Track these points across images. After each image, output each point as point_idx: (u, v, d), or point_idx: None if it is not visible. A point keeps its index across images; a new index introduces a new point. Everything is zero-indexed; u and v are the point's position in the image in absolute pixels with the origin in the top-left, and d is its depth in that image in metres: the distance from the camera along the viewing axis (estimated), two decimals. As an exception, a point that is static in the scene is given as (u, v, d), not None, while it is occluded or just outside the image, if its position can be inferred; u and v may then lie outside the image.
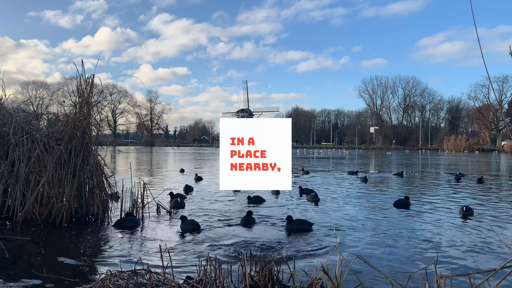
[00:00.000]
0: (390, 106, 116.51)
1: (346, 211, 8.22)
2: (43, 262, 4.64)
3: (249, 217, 6.86)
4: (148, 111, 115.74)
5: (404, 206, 8.65)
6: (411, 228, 6.61)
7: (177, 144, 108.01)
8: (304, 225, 6.34)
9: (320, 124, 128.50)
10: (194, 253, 4.98)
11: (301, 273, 3.97)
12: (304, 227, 6.30)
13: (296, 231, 6.17)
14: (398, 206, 8.71)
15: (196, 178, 14.71)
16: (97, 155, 7.45)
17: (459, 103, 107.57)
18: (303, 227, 6.29)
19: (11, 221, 6.76)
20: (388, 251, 5.18)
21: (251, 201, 9.02)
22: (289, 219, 6.38)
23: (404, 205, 8.72)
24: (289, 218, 6.39)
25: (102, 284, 3.22)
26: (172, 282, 3.29)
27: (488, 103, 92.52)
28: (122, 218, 6.76)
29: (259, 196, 9.34)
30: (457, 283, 3.95)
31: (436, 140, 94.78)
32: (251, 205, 8.86)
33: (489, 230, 6.45)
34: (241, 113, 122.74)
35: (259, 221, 7.08)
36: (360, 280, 3.39)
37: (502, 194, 11.50)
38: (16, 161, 6.98)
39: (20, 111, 9.31)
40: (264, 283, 3.19)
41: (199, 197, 10.11)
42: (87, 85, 7.23)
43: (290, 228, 6.27)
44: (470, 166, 27.67)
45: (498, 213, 8.11)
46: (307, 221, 6.52)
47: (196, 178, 14.68)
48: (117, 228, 6.43)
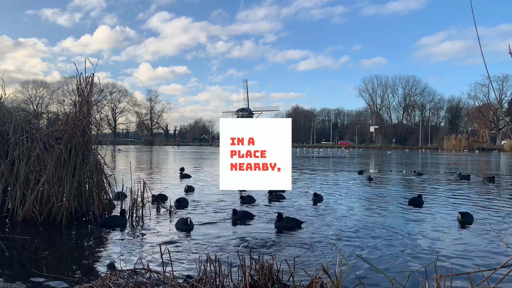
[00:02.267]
0: (390, 105, 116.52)
1: (346, 210, 8.22)
2: (43, 261, 4.65)
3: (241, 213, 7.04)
4: (148, 110, 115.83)
5: (417, 205, 8.82)
6: (412, 227, 6.62)
7: (177, 143, 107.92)
8: (292, 223, 6.40)
9: (320, 123, 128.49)
10: (194, 252, 4.99)
11: (301, 272, 3.97)
12: (291, 225, 6.36)
13: (284, 228, 6.25)
14: (411, 204, 8.89)
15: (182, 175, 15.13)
16: (97, 154, 7.46)
17: (459, 102, 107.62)
18: (291, 225, 6.36)
19: (11, 220, 6.76)
20: (388, 250, 5.19)
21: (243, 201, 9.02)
22: (279, 216, 6.50)
23: (417, 203, 8.91)
24: (279, 215, 6.52)
25: (102, 283, 3.23)
26: (172, 281, 3.30)
27: (488, 102, 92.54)
28: (109, 217, 6.85)
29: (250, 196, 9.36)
30: (457, 282, 3.95)
31: (436, 139, 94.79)
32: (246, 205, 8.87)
33: (489, 229, 6.46)
34: (241, 113, 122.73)
35: (260, 221, 7.09)
36: (360, 279, 3.40)
37: (502, 193, 11.51)
38: (16, 160, 6.98)
39: (20, 110, 9.31)
40: (264, 282, 3.20)
41: (200, 197, 10.11)
42: (87, 84, 7.23)
43: (278, 225, 6.37)
44: (470, 165, 27.68)
45: (498, 213, 8.12)
46: (296, 219, 6.58)
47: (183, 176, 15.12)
48: (104, 227, 6.45)
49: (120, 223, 6.56)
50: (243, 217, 7.09)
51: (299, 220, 6.58)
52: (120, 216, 6.77)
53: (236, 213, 7.14)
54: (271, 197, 9.57)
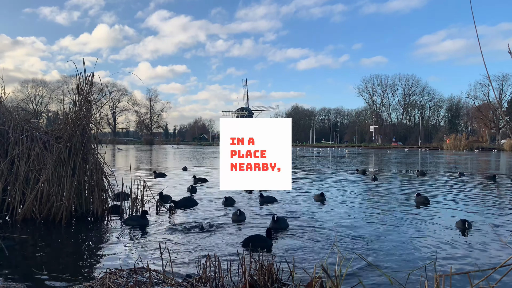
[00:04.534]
0: (389, 104, 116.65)
1: (347, 210, 8.23)
2: (43, 261, 4.65)
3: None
4: (147, 110, 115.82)
5: (424, 205, 8.90)
6: (412, 227, 6.62)
7: (176, 143, 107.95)
8: (279, 224, 6.28)
9: (319, 123, 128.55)
10: (194, 252, 4.99)
11: (300, 271, 3.97)
12: (281, 225, 6.26)
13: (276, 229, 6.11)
14: (421, 204, 8.94)
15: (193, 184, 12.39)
16: (96, 154, 7.46)
17: (459, 102, 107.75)
18: (280, 225, 6.25)
19: (10, 219, 6.76)
20: (388, 250, 5.19)
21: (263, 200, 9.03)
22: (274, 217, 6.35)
23: (424, 204, 8.97)
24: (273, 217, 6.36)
25: (102, 282, 3.23)
26: (172, 280, 3.30)
27: (488, 102, 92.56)
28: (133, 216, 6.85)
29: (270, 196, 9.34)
30: (457, 281, 3.96)
31: (436, 139, 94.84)
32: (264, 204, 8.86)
33: (489, 228, 6.46)
34: (241, 112, 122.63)
35: (261, 220, 7.09)
36: (360, 278, 3.40)
37: (502, 193, 11.51)
38: (15, 159, 6.98)
39: (20, 109, 9.30)
40: (264, 281, 3.20)
41: (202, 196, 10.12)
42: (86, 83, 7.23)
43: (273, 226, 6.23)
44: (469, 164, 27.69)
45: (498, 212, 8.12)
46: (282, 220, 6.47)
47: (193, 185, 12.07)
48: (126, 224, 6.53)
49: (141, 224, 6.53)
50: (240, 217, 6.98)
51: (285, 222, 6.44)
52: (142, 216, 6.73)
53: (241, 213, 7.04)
54: (262, 200, 9.14)
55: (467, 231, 6.25)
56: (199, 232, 6.06)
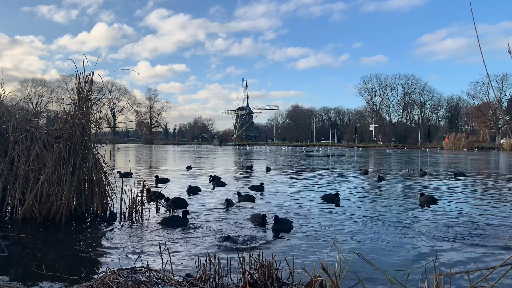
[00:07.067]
0: (389, 104, 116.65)
1: (347, 210, 8.23)
2: (43, 260, 4.64)
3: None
4: (147, 109, 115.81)
5: (430, 204, 8.93)
6: (412, 226, 6.62)
7: (176, 142, 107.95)
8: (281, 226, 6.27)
9: (319, 122, 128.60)
10: (194, 251, 4.99)
11: (300, 271, 3.97)
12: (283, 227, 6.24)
13: (277, 230, 6.11)
14: (424, 203, 9.03)
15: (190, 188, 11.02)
16: (96, 153, 7.45)
17: (459, 101, 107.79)
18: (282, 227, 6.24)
19: (10, 219, 6.76)
20: (388, 249, 5.19)
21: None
22: (275, 218, 6.34)
23: (432, 203, 9.01)
24: (275, 218, 6.36)
25: (102, 281, 3.23)
26: (172, 279, 3.30)
27: (488, 101, 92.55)
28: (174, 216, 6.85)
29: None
30: (456, 281, 3.96)
31: (436, 138, 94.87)
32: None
33: (488, 228, 6.46)
34: (241, 111, 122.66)
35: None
36: (359, 278, 3.39)
37: (501, 192, 11.51)
38: (15, 159, 6.97)
39: (19, 108, 9.29)
40: (264, 280, 3.20)
41: (202, 196, 10.12)
42: (86, 82, 7.22)
43: (274, 227, 6.23)
44: (469, 164, 27.69)
45: (497, 211, 8.13)
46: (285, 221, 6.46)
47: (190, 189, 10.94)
48: (166, 225, 6.42)
49: (183, 224, 6.50)
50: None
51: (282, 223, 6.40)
52: (184, 215, 6.72)
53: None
54: (241, 199, 9.22)
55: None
56: (199, 231, 6.06)
